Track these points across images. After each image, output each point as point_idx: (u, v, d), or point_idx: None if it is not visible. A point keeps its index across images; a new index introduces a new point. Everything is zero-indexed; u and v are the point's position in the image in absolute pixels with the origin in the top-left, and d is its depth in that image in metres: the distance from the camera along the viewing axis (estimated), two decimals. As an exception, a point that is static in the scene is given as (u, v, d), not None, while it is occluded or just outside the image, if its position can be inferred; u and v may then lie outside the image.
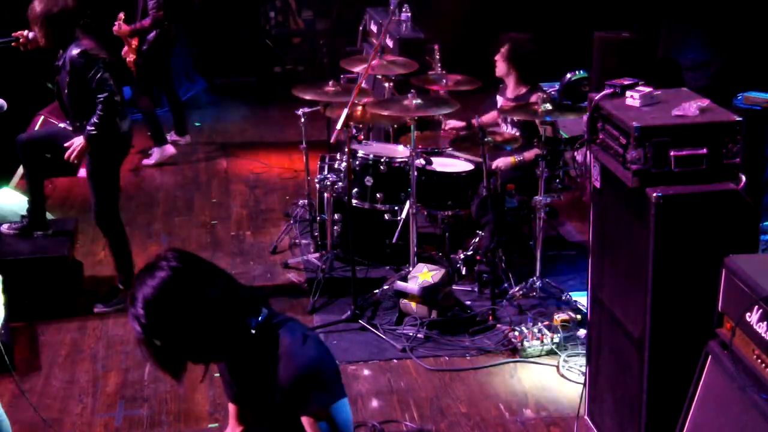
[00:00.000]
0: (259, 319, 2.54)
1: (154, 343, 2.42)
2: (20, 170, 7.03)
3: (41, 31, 4.97)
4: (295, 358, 2.48)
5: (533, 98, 5.44)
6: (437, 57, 6.71)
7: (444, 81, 5.99)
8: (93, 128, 4.95)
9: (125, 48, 7.55)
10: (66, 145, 5.04)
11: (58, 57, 5.05)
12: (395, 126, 6.07)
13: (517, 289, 5.32)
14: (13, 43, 5.17)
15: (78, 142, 5.01)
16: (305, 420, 2.50)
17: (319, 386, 2.48)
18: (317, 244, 5.91)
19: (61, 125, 5.49)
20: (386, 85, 6.26)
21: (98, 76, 4.91)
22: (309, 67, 10.47)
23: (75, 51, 4.91)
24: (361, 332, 5.00)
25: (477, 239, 5.53)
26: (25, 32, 5.10)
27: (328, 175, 5.58)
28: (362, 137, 6.04)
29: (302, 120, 5.95)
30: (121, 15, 7.37)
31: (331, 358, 2.56)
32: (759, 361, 2.57)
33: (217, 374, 4.55)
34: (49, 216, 5.74)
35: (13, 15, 5.68)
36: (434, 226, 5.73)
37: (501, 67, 5.75)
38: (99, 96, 4.92)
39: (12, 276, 5.16)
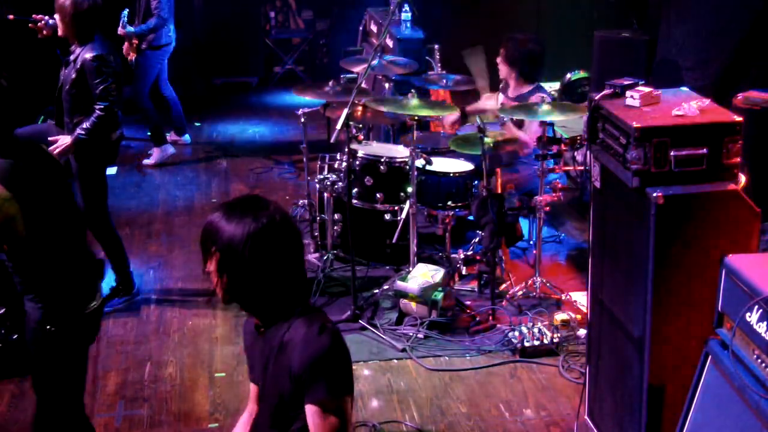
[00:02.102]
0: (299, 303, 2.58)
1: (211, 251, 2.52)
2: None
3: (64, 23, 4.94)
4: (309, 346, 2.46)
5: (534, 98, 5.44)
6: (437, 57, 6.71)
7: (444, 81, 5.99)
8: (83, 132, 4.93)
9: (125, 46, 7.54)
10: (51, 139, 4.99)
11: (71, 51, 5.01)
12: (394, 124, 6.07)
13: (517, 289, 5.32)
14: (30, 24, 5.15)
15: (64, 140, 4.97)
16: (310, 408, 2.46)
17: (329, 376, 2.46)
18: (317, 244, 5.90)
19: (50, 121, 5.45)
20: (386, 85, 6.26)
21: (104, 85, 4.90)
22: (309, 67, 10.48)
23: (90, 54, 4.89)
24: (361, 332, 5.00)
25: (477, 239, 5.53)
26: (46, 17, 5.08)
27: (328, 175, 5.58)
28: (362, 137, 6.03)
29: (302, 120, 5.95)
30: (125, 13, 7.36)
31: (347, 353, 2.54)
32: (759, 361, 2.57)
33: (218, 374, 4.60)
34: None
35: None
36: (434, 226, 5.73)
37: (503, 69, 5.78)
38: (99, 104, 4.91)
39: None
